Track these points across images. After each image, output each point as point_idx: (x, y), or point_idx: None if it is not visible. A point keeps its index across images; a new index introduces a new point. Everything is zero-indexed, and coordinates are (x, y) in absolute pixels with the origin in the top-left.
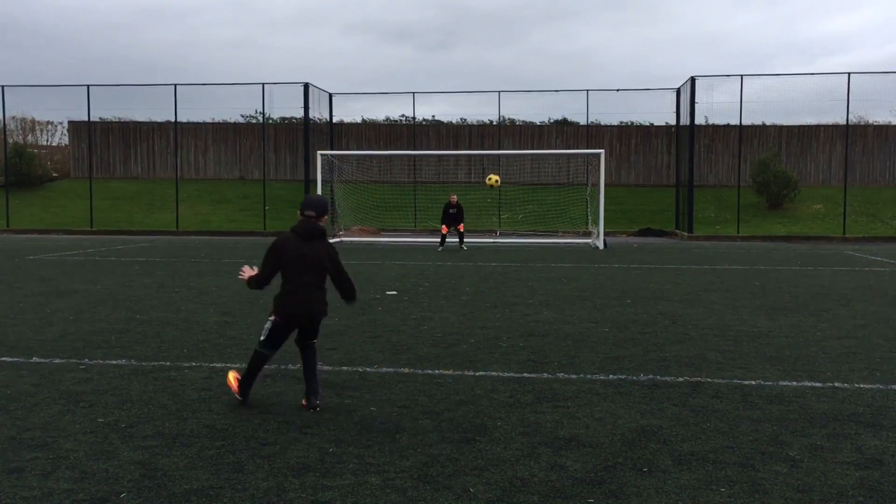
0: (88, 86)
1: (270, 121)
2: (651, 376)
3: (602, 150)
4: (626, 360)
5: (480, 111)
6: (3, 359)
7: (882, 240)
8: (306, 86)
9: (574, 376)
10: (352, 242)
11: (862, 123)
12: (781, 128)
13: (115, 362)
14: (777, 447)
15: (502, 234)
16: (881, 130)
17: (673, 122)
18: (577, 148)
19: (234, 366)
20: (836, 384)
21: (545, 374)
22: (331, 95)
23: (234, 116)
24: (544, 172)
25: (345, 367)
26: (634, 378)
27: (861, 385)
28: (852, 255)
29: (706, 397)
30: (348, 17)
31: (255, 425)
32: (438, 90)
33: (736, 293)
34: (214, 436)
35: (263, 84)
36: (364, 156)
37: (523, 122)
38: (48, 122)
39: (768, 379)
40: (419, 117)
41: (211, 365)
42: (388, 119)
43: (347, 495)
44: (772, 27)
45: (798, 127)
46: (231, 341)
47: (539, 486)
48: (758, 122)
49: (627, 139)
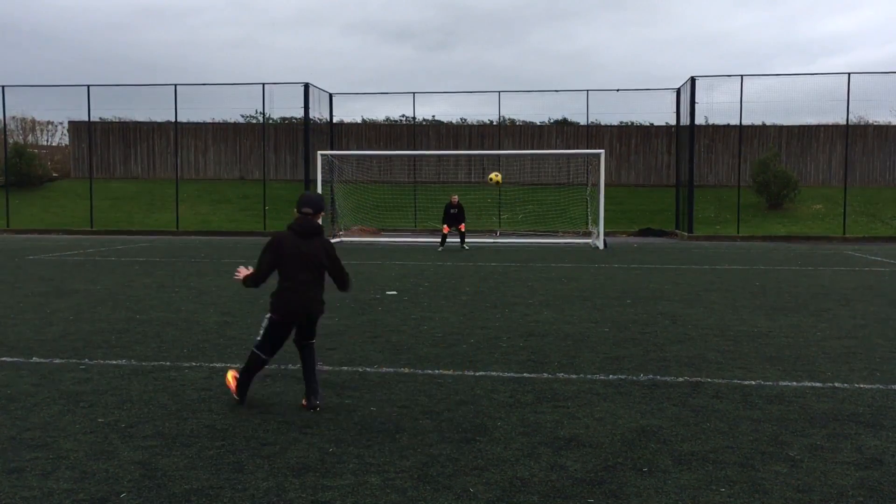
0: (88, 86)
1: (270, 121)
2: (651, 376)
3: (602, 150)
4: (626, 360)
5: (480, 111)
6: (3, 359)
7: (882, 240)
8: (306, 86)
9: (574, 376)
10: (352, 242)
11: (862, 123)
12: (781, 128)
13: (115, 362)
14: (777, 447)
15: (502, 234)
16: (881, 130)
17: (673, 122)
18: (577, 148)
19: (234, 366)
20: (836, 384)
21: (545, 374)
22: (331, 95)
23: (234, 116)
24: (544, 172)
25: (345, 367)
26: (634, 378)
27: (861, 385)
28: (852, 255)
29: (706, 397)
30: (348, 17)
31: (255, 425)
32: (438, 90)
33: (736, 293)
34: (214, 436)
35: (263, 84)
36: (364, 156)
37: (523, 122)
38: (48, 122)
39: (768, 379)
40: (419, 117)
41: (211, 365)
42: (388, 119)
43: (347, 495)
44: (772, 27)
45: (798, 127)
46: (231, 341)
47: (539, 486)
48: (758, 122)
49: (627, 139)
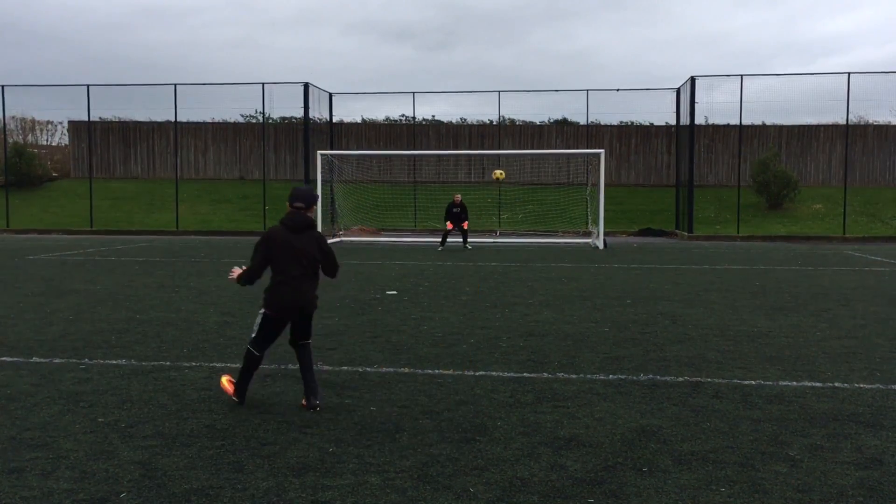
0: (88, 86)
1: (270, 121)
2: (651, 376)
3: (602, 150)
4: (626, 360)
5: (480, 111)
6: (3, 359)
7: (882, 240)
8: (306, 86)
9: (574, 376)
10: (352, 242)
11: (862, 123)
12: (781, 128)
13: (115, 362)
14: (777, 447)
15: (502, 234)
16: (881, 130)
17: (673, 122)
18: (577, 148)
19: (234, 366)
20: (836, 384)
21: (545, 374)
22: (331, 95)
23: (234, 116)
24: (544, 172)
25: (345, 367)
26: (634, 378)
27: (861, 385)
28: (852, 255)
29: (706, 397)
30: (348, 17)
31: (255, 425)
32: (438, 90)
33: (736, 293)
34: (214, 436)
35: (263, 84)
36: (364, 156)
37: (523, 122)
38: (48, 122)
39: (768, 379)
40: (419, 117)
41: (211, 365)
42: (388, 119)
43: (347, 495)
44: (772, 27)
45: (798, 127)
46: (231, 341)
47: (539, 486)
48: (758, 122)
49: (627, 139)
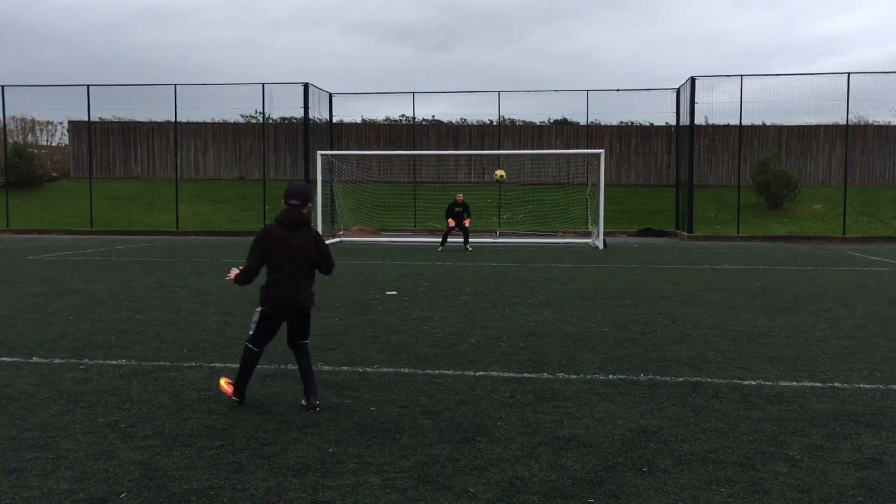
0: (88, 86)
1: (270, 121)
2: (651, 376)
3: (602, 150)
4: (626, 360)
5: (480, 111)
6: (3, 359)
7: (882, 240)
8: (306, 86)
9: (574, 376)
10: (352, 242)
11: (862, 123)
12: (781, 128)
13: (115, 362)
14: (777, 447)
15: (502, 234)
16: (881, 130)
17: (673, 122)
18: (577, 148)
19: (234, 366)
20: (836, 384)
21: (545, 374)
22: (331, 95)
23: (234, 116)
24: (544, 172)
25: (345, 367)
26: (634, 378)
27: (861, 385)
28: (852, 255)
29: (706, 397)
30: (348, 17)
31: (255, 425)
32: (438, 90)
33: (736, 293)
34: (214, 436)
35: (263, 84)
36: (364, 156)
37: (523, 122)
38: (48, 122)
39: (768, 379)
40: (419, 117)
41: (211, 365)
42: (388, 119)
43: (347, 495)
44: (772, 27)
45: (798, 127)
46: (231, 341)
47: (539, 486)
48: (758, 122)
49: (627, 139)
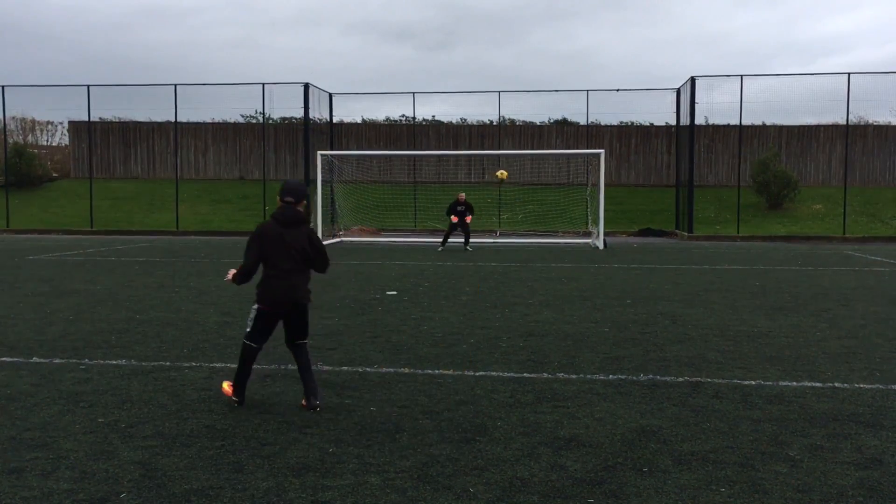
0: (88, 86)
1: (270, 121)
2: (651, 376)
3: (602, 150)
4: (626, 360)
5: (480, 111)
6: (3, 359)
7: (882, 240)
8: (306, 86)
9: (574, 376)
10: (352, 242)
11: (862, 123)
12: (781, 128)
13: (115, 362)
14: (777, 447)
15: (502, 234)
16: (881, 130)
17: (673, 122)
18: (577, 148)
19: (234, 366)
20: (836, 384)
21: (545, 374)
22: (331, 95)
23: (234, 116)
24: (544, 172)
25: (345, 367)
26: (634, 378)
27: (861, 385)
28: (852, 255)
29: (706, 397)
30: (348, 17)
31: (255, 425)
32: (438, 90)
33: (736, 293)
34: (214, 436)
35: (263, 84)
36: (364, 156)
37: (523, 122)
38: (48, 122)
39: (768, 379)
40: (419, 117)
41: (211, 365)
42: (388, 119)
43: (347, 495)
44: (772, 27)
45: (798, 127)
46: (231, 341)
47: (539, 486)
48: (758, 122)
49: (627, 139)
